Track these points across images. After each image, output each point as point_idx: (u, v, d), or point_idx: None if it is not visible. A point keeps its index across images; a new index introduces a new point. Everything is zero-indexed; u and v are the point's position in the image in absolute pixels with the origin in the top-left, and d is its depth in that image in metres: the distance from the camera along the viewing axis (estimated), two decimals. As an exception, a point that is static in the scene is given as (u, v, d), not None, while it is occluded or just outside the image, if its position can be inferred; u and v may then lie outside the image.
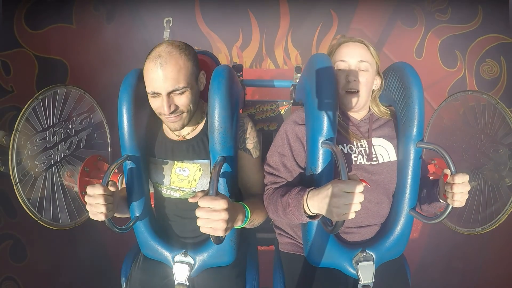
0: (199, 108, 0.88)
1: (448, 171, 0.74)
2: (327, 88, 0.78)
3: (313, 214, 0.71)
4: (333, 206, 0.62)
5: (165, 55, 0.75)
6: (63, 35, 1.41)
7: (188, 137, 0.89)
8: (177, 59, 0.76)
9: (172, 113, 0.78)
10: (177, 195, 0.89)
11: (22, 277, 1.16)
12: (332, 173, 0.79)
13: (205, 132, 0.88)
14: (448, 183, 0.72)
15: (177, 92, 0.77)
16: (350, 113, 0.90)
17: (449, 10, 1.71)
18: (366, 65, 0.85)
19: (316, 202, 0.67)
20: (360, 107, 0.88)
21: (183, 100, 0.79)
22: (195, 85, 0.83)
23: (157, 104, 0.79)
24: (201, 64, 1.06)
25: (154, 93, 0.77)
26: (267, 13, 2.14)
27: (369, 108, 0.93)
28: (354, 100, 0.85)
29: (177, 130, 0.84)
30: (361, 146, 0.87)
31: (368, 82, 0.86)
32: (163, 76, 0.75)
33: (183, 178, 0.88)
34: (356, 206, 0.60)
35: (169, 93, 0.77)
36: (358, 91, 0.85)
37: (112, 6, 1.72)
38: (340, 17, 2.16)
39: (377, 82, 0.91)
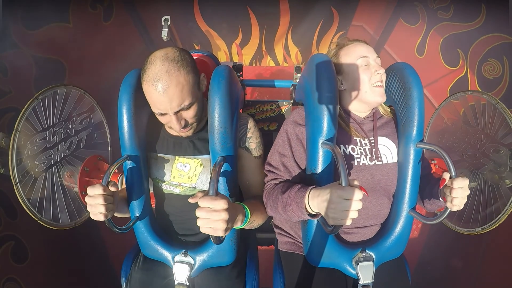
0: (204, 106, 0.89)
1: (447, 175, 0.73)
2: (327, 84, 0.78)
3: (314, 213, 0.71)
4: (330, 211, 0.62)
5: (164, 76, 0.71)
6: (60, 34, 1.40)
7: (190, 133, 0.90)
8: (178, 77, 0.73)
9: (183, 128, 0.80)
10: (177, 190, 0.89)
11: (23, 278, 1.17)
12: (332, 174, 0.79)
13: (206, 129, 0.88)
14: (447, 186, 0.72)
15: (184, 109, 0.78)
16: (353, 112, 0.89)
17: (451, 8, 1.68)
18: (380, 61, 0.87)
19: (316, 203, 0.67)
20: None
21: (191, 113, 0.79)
22: (199, 93, 0.82)
23: (167, 120, 0.80)
24: (201, 65, 1.05)
25: (161, 113, 0.78)
26: (267, 10, 2.11)
27: None
28: (383, 92, 0.85)
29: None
30: (365, 144, 0.86)
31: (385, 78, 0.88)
32: (167, 99, 0.73)
33: (184, 174, 0.88)
34: (353, 214, 0.60)
35: (176, 112, 0.77)
36: (383, 85, 0.85)
37: (109, 4, 1.70)
38: (341, 14, 2.13)
39: None
